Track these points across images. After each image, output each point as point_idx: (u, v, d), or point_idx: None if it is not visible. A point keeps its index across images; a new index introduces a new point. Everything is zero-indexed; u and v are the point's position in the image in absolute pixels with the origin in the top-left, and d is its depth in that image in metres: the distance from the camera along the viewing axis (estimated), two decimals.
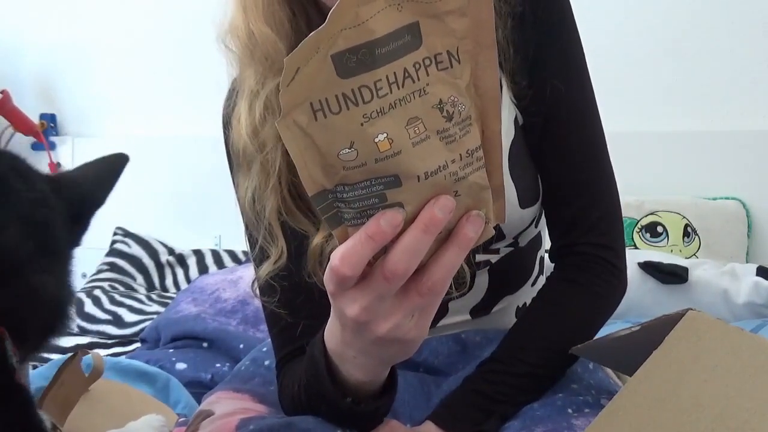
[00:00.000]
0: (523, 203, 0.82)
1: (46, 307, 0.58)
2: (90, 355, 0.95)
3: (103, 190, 0.67)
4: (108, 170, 0.69)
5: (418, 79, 0.43)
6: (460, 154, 0.45)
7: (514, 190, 0.80)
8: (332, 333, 0.59)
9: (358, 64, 0.41)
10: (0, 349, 0.54)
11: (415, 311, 0.51)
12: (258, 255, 0.81)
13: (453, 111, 0.44)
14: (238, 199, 0.83)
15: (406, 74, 0.42)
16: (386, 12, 0.41)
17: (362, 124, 0.42)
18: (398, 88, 0.42)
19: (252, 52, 0.76)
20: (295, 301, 0.79)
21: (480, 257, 0.85)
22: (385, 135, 0.42)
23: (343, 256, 0.46)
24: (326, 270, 0.48)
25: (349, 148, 0.42)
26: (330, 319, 0.59)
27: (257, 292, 0.84)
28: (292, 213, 0.78)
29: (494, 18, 0.45)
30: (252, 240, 0.83)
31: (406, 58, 0.42)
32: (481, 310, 0.89)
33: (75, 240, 0.64)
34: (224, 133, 0.87)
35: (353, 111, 0.42)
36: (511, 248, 0.86)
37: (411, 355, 0.56)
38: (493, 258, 0.86)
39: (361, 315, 0.49)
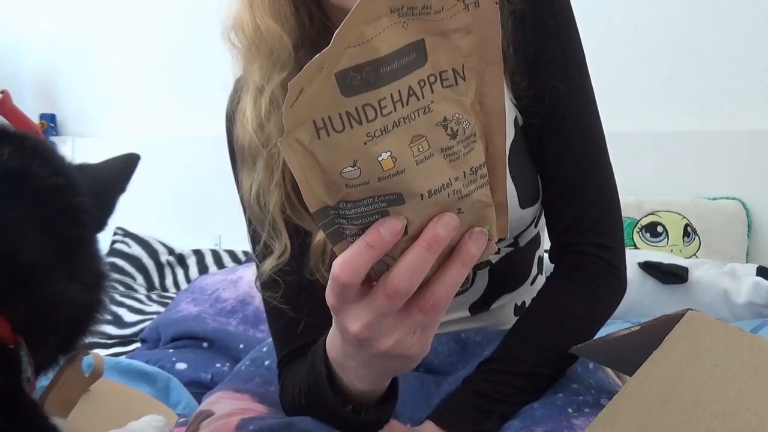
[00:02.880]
0: (523, 203, 0.82)
1: (67, 315, 0.57)
2: (90, 355, 0.95)
3: (124, 177, 0.67)
4: (124, 164, 0.69)
5: (423, 97, 0.42)
6: (464, 172, 0.44)
7: (514, 190, 0.80)
8: (334, 343, 0.59)
9: (362, 83, 0.41)
10: (16, 362, 0.53)
11: (418, 328, 0.50)
12: (261, 250, 0.82)
13: (457, 128, 0.44)
14: (241, 195, 0.83)
15: (411, 92, 0.42)
16: (391, 30, 0.41)
17: (366, 143, 0.41)
18: (402, 106, 0.42)
19: (258, 47, 0.76)
20: (297, 297, 0.79)
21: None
22: (388, 153, 0.42)
23: (343, 263, 0.45)
24: (328, 282, 0.48)
25: (352, 167, 0.42)
26: (332, 329, 0.58)
27: (260, 287, 0.84)
28: (295, 209, 0.78)
29: (500, 34, 0.45)
30: (255, 235, 0.83)
31: (410, 75, 0.42)
32: (480, 307, 0.89)
33: (100, 223, 0.63)
34: (227, 128, 0.87)
35: (357, 129, 0.41)
36: (511, 248, 0.86)
37: (413, 368, 0.56)
38: (494, 258, 0.86)
39: (362, 332, 0.49)
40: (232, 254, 2.52)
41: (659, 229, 2.13)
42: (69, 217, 0.58)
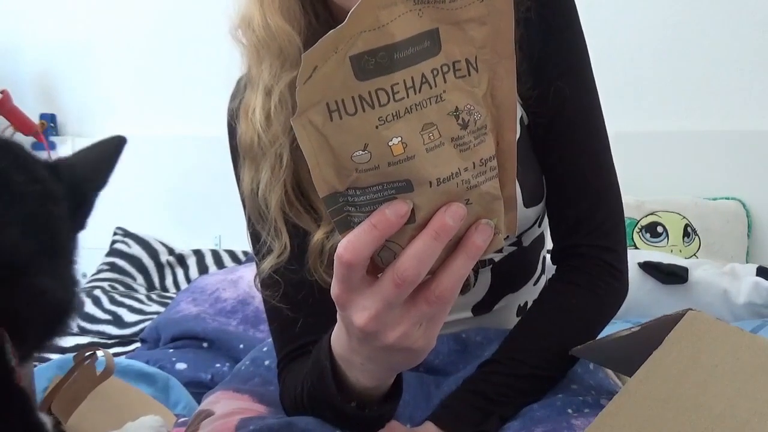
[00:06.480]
0: (528, 202, 0.82)
1: (47, 308, 0.57)
2: (102, 353, 0.95)
3: (104, 170, 0.66)
4: (107, 151, 0.67)
5: (435, 86, 0.43)
6: (474, 163, 0.45)
7: (519, 189, 0.80)
8: (339, 339, 0.59)
9: (376, 67, 0.41)
10: (1, 350, 0.53)
11: (423, 320, 0.50)
12: (261, 249, 0.82)
13: (468, 119, 0.44)
14: (242, 193, 0.83)
15: (424, 80, 0.42)
16: (406, 17, 0.41)
17: (377, 127, 0.42)
18: (415, 93, 0.42)
19: (267, 45, 0.76)
20: (296, 296, 0.79)
21: (483, 256, 0.85)
22: (399, 139, 0.42)
23: (347, 243, 0.45)
24: (334, 268, 0.47)
25: (363, 150, 0.42)
26: (336, 325, 0.58)
27: (259, 286, 0.84)
28: (294, 208, 0.79)
29: (513, 28, 0.45)
30: (255, 234, 0.83)
31: (424, 63, 0.42)
32: (482, 307, 0.89)
33: (79, 224, 0.63)
34: (229, 125, 0.87)
35: (369, 113, 0.42)
36: (515, 247, 0.86)
37: (418, 363, 0.56)
38: (497, 257, 0.86)
39: (369, 324, 0.49)
40: (232, 254, 2.52)
41: (659, 229, 2.13)
42: (44, 225, 0.58)
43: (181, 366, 1.52)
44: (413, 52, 0.42)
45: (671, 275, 1.77)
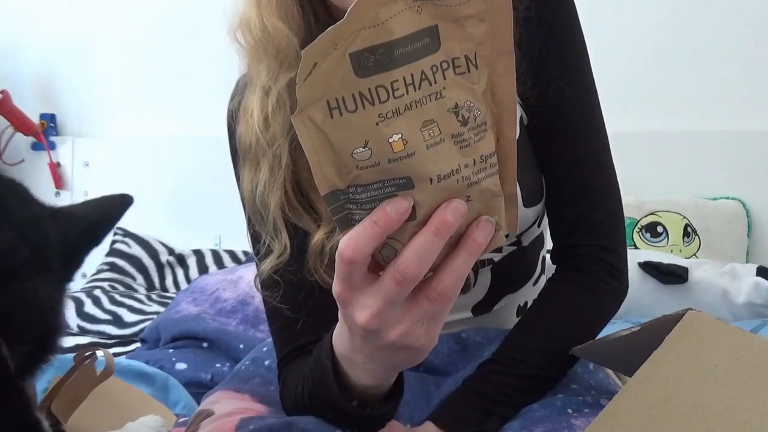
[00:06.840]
0: (527, 202, 0.82)
1: (39, 314, 0.57)
2: (102, 353, 0.95)
3: (101, 230, 0.65)
4: (110, 210, 0.67)
5: (435, 82, 0.43)
6: (474, 159, 0.45)
7: (518, 188, 0.80)
8: (341, 338, 0.59)
9: (375, 64, 0.41)
10: None
11: (425, 318, 0.50)
12: (261, 249, 0.82)
13: (468, 116, 0.44)
14: (242, 193, 0.83)
15: (423, 77, 0.42)
16: (406, 14, 0.42)
17: (377, 124, 0.42)
18: (415, 90, 0.42)
19: (265, 47, 0.77)
20: (296, 297, 0.79)
21: (483, 255, 0.85)
22: (399, 136, 0.42)
23: (348, 240, 0.45)
24: (336, 265, 0.48)
25: (363, 147, 0.42)
26: (338, 324, 0.58)
27: (259, 286, 0.84)
28: (294, 209, 0.79)
29: (512, 25, 0.45)
30: (255, 234, 0.83)
31: (423, 60, 0.42)
32: (482, 307, 0.89)
33: (66, 275, 0.62)
34: (229, 126, 0.87)
35: (369, 110, 0.42)
36: (514, 247, 0.86)
37: (420, 362, 0.56)
38: (496, 256, 0.86)
39: (370, 322, 0.49)
40: (232, 254, 2.52)
41: (659, 229, 2.13)
42: (37, 241, 0.57)
43: (181, 366, 1.52)
44: (413, 49, 0.42)
45: (671, 275, 1.77)
